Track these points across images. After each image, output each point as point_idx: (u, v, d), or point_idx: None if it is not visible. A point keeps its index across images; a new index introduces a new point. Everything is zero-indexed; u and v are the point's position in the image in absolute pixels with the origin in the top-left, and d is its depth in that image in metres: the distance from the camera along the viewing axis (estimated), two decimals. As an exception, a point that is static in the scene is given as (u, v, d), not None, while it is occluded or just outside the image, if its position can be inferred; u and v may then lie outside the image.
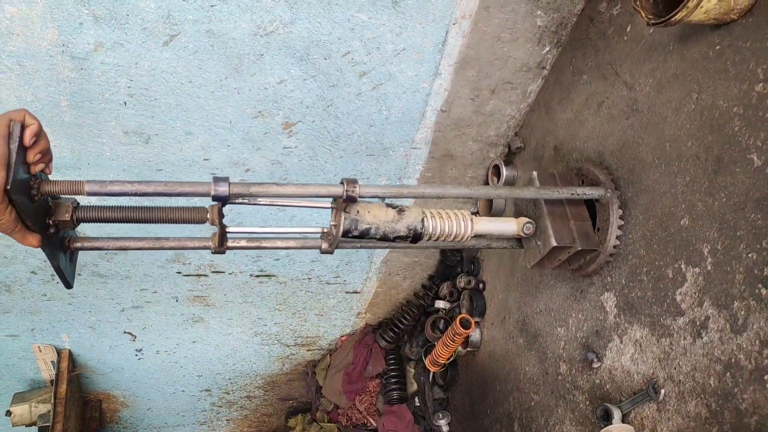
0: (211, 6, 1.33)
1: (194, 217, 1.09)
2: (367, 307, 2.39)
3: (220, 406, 2.67)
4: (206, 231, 1.45)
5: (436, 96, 1.63)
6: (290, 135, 1.66)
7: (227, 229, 1.17)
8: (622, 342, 1.27)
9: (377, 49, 1.49)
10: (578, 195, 1.29)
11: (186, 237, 1.24)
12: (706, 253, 1.07)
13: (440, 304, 2.15)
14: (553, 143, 1.59)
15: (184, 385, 2.52)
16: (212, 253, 1.19)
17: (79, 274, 1.97)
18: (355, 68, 1.53)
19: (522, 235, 1.34)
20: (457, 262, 2.09)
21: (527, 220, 1.33)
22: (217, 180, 1.02)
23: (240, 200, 1.07)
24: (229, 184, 1.02)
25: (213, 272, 2.05)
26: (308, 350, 2.54)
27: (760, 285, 0.96)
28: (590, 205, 1.35)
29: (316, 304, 2.30)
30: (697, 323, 1.08)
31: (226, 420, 2.74)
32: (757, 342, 0.96)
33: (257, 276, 2.10)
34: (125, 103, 1.49)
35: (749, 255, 0.98)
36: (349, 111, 1.63)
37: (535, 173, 1.36)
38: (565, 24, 1.50)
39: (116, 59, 1.39)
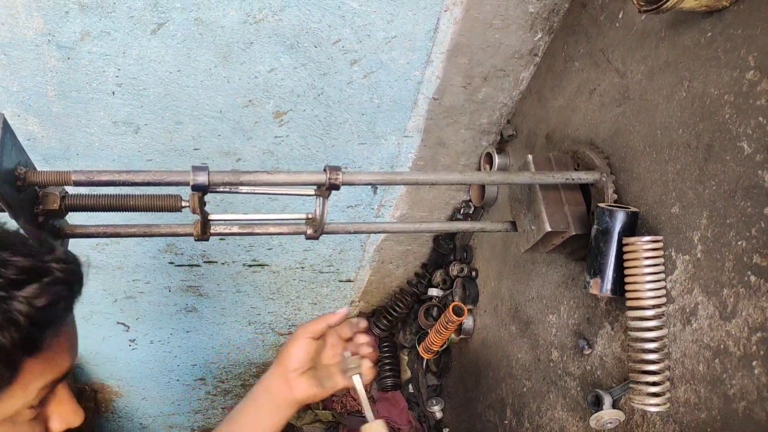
0: (199, -7, 1.31)
1: (168, 205, 1.09)
2: (360, 296, 2.39)
3: (215, 395, 2.68)
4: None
5: (428, 84, 1.62)
6: (281, 124, 1.65)
7: (209, 217, 1.17)
8: (613, 329, 1.28)
9: (368, 36, 1.48)
10: (574, 180, 1.29)
11: (177, 223, 1.24)
12: (696, 241, 1.07)
13: (433, 291, 2.15)
14: (545, 131, 1.58)
15: (179, 374, 2.53)
16: (195, 240, 1.19)
17: (71, 265, 1.96)
18: (346, 56, 1.52)
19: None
20: (450, 250, 2.10)
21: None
22: (196, 169, 1.01)
23: (221, 189, 1.07)
24: (209, 173, 1.02)
25: (205, 262, 2.04)
26: (302, 339, 2.54)
27: (749, 272, 0.97)
28: (584, 188, 1.35)
29: (310, 293, 2.31)
30: (687, 310, 1.09)
31: (222, 408, 2.75)
32: (746, 328, 0.97)
33: (250, 266, 2.10)
34: (114, 92, 1.47)
35: (739, 243, 0.99)
36: (341, 99, 1.62)
37: (530, 157, 1.36)
38: (557, 10, 1.49)
39: (103, 48, 1.37)
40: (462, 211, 1.98)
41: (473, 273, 1.98)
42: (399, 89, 1.63)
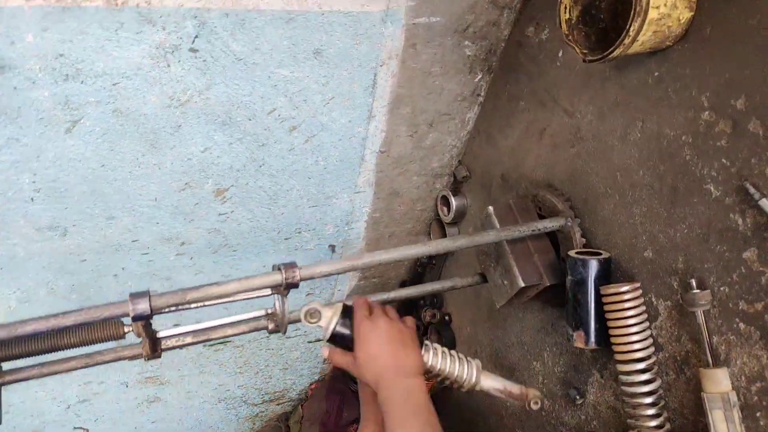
0: (114, 84, 1.20)
1: (109, 334, 0.97)
2: (333, 352, 2.29)
3: (194, 481, 2.50)
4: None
5: (373, 138, 1.55)
6: (224, 201, 1.54)
7: (158, 335, 1.06)
8: (602, 377, 1.23)
9: (304, 101, 1.39)
10: (540, 229, 1.25)
11: (122, 346, 1.13)
12: (675, 286, 1.04)
13: (408, 339, 2.07)
14: (499, 171, 1.54)
15: (150, 466, 2.35)
16: (146, 360, 1.07)
17: (12, 379, 1.78)
18: (284, 124, 1.43)
19: (528, 408, 1.12)
20: (419, 297, 2.02)
21: (538, 395, 1.12)
22: (135, 297, 0.91)
23: (166, 311, 0.96)
24: (149, 298, 0.91)
25: (162, 350, 1.89)
26: (278, 404, 2.41)
27: (737, 319, 0.93)
28: (551, 234, 1.30)
29: (279, 360, 2.19)
30: (678, 359, 1.04)
31: (204, 492, 2.57)
32: (743, 378, 0.93)
33: (212, 345, 1.96)
34: (32, 199, 1.33)
35: (721, 288, 0.95)
36: (284, 167, 1.53)
37: (490, 209, 1.31)
38: (494, 50, 1.45)
39: (13, 156, 1.23)
40: (422, 260, 1.92)
41: (446, 318, 1.91)
42: (344, 148, 1.55)
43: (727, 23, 0.90)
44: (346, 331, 1.02)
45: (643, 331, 1.07)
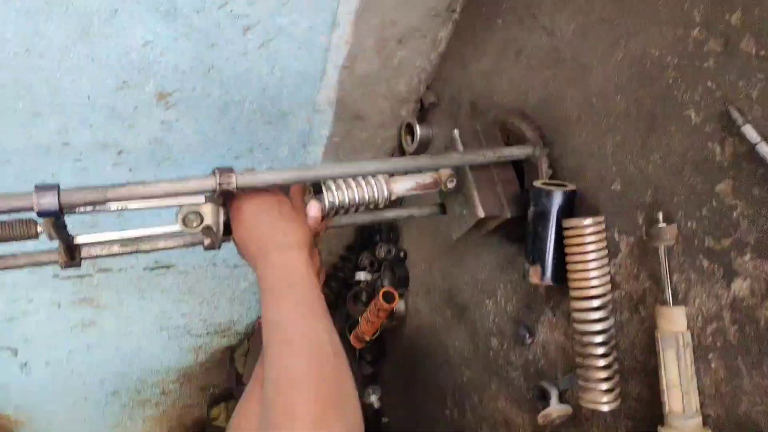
0: (36, -49, 1.03)
1: (19, 233, 0.86)
2: (283, 285, 2.21)
3: (132, 407, 2.43)
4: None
5: (337, 50, 1.42)
6: (167, 107, 1.40)
7: (76, 240, 0.94)
8: (554, 316, 1.18)
9: (261, -3, 1.25)
10: (505, 156, 1.16)
11: (39, 251, 1.01)
12: (640, 222, 0.97)
13: (361, 275, 2.00)
14: (468, 98, 1.43)
15: (86, 392, 2.26)
16: (62, 268, 0.96)
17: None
18: (237, 22, 1.28)
19: (444, 189, 1.17)
20: (375, 231, 1.95)
21: (450, 172, 1.15)
22: (40, 190, 0.79)
23: (81, 210, 0.85)
24: (58, 192, 0.79)
25: (99, 271, 1.78)
26: (223, 336, 2.34)
27: (701, 256, 0.88)
28: (517, 164, 1.22)
29: (226, 289, 2.10)
30: (635, 297, 0.99)
31: (142, 420, 2.51)
32: (699, 318, 0.88)
33: (153, 269, 1.86)
34: (-60, 82, 1.17)
35: (688, 224, 0.89)
36: (236, 74, 1.39)
37: (456, 132, 1.21)
38: (475, -38, 1.33)
39: None
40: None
41: (401, 254, 1.84)
42: (303, 58, 1.41)
43: (732, -73, 0.80)
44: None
45: (602, 267, 1.01)
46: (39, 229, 0.90)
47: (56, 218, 0.85)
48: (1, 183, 1.41)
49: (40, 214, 0.82)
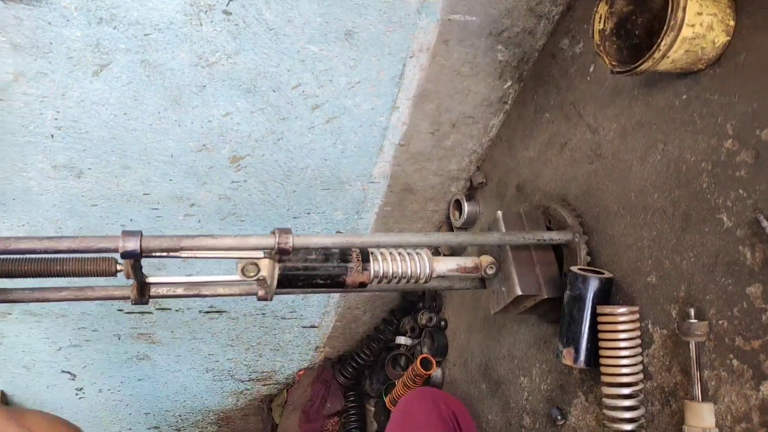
0: (145, 35, 1.22)
1: (100, 270, 0.98)
2: (325, 341, 2.28)
3: (170, 445, 2.52)
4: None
5: (394, 130, 1.55)
6: (238, 169, 1.55)
7: (148, 280, 1.06)
8: (587, 400, 1.20)
9: (330, 81, 1.40)
10: (545, 240, 1.22)
11: (113, 285, 1.13)
12: (674, 315, 1.00)
13: (401, 339, 2.06)
14: (515, 181, 1.52)
15: (131, 422, 2.37)
16: (132, 304, 1.08)
17: (9, 313, 1.82)
18: (307, 101, 1.43)
19: (484, 275, 1.25)
20: (418, 298, 2.01)
21: (491, 260, 1.24)
22: (127, 235, 0.91)
23: (157, 255, 0.96)
24: (141, 238, 0.91)
25: (158, 309, 1.91)
26: (264, 385, 2.41)
27: (731, 355, 0.90)
28: (557, 248, 1.28)
29: (272, 339, 2.19)
30: (666, 390, 1.01)
31: (177, 458, 2.58)
32: (729, 416, 0.90)
33: (207, 312, 1.98)
34: (53, 135, 1.36)
35: (720, 322, 0.92)
36: (302, 144, 1.53)
37: (499, 213, 1.29)
38: (527, 59, 1.44)
39: (40, 90, 1.26)
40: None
41: (442, 323, 1.89)
42: (364, 135, 1.55)
43: (763, 53, 0.88)
44: None
45: (635, 356, 1.04)
46: (119, 267, 1.03)
47: (136, 260, 0.97)
48: (86, 222, 1.59)
49: (124, 255, 0.94)
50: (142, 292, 1.10)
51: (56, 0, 1.12)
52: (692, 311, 0.95)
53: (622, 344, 1.04)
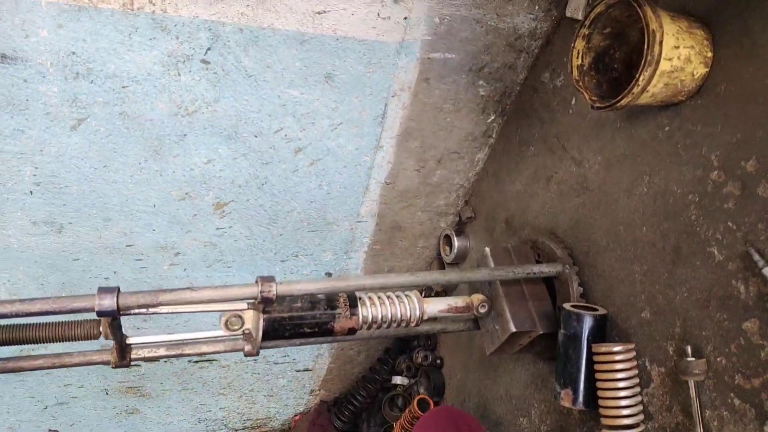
0: (123, 87, 1.21)
1: (84, 333, 0.95)
2: (320, 384, 2.22)
3: (163, 501, 2.42)
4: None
5: (380, 169, 1.53)
6: (223, 215, 1.53)
7: (128, 341, 1.03)
8: (588, 442, 1.16)
9: (312, 124, 1.39)
10: (535, 273, 1.20)
11: (92, 350, 1.10)
12: (671, 352, 0.97)
13: (398, 379, 2.00)
14: (504, 215, 1.50)
15: (121, 481, 2.28)
16: (113, 368, 1.04)
17: (-8, 373, 1.76)
18: (290, 144, 1.42)
19: (477, 314, 1.22)
20: (413, 336, 1.97)
21: (482, 298, 1.22)
22: (103, 292, 0.88)
23: (135, 311, 0.93)
24: (117, 295, 0.88)
25: (146, 361, 1.86)
26: (259, 433, 2.34)
27: (732, 394, 0.87)
28: (548, 281, 1.25)
29: (265, 385, 2.13)
30: (668, 431, 0.97)
31: None
32: (735, 460, 0.86)
33: (196, 362, 1.92)
34: (31, 192, 1.33)
35: (718, 359, 0.89)
36: (286, 188, 1.51)
37: (487, 250, 1.26)
38: (509, 93, 1.44)
39: (17, 147, 1.24)
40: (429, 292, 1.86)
41: (438, 361, 1.84)
42: (349, 175, 1.53)
43: (743, 82, 0.87)
44: None
45: (634, 396, 1.01)
46: (101, 329, 0.99)
47: (113, 318, 0.94)
48: (68, 277, 1.55)
49: (100, 314, 0.91)
50: (123, 354, 1.06)
51: (32, 57, 1.11)
52: (689, 348, 0.92)
53: (621, 384, 1.00)
